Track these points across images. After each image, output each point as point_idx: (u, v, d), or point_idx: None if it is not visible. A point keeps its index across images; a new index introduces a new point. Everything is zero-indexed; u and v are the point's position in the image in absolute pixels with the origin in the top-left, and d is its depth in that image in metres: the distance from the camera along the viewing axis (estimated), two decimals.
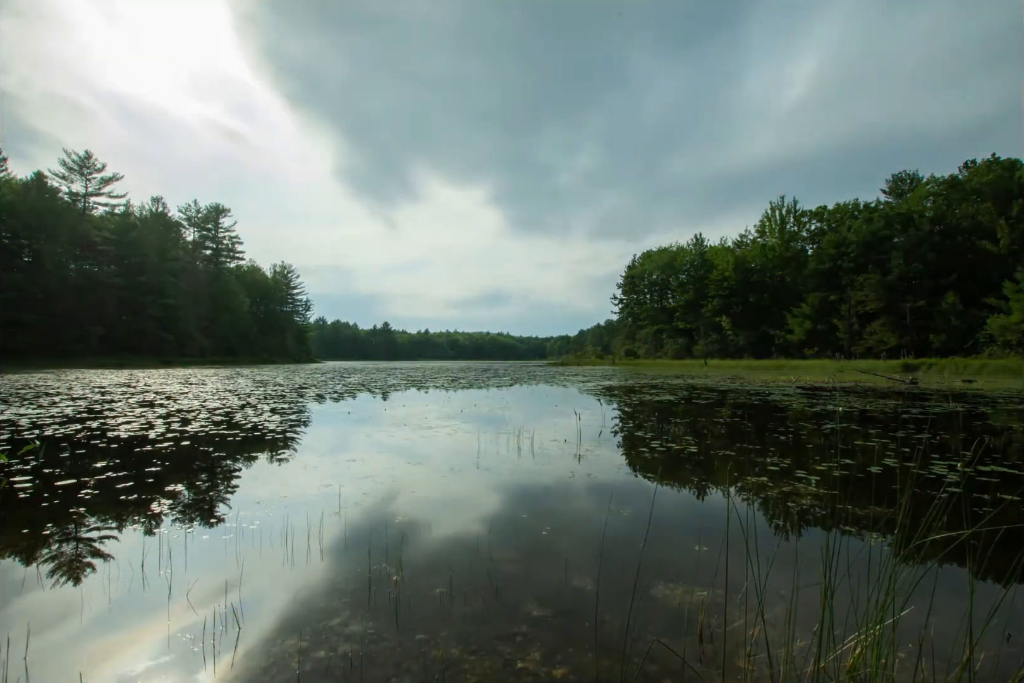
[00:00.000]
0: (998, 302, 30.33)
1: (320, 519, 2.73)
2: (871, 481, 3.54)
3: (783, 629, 1.55)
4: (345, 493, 3.25)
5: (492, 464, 4.17)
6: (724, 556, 2.16)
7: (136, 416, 7.00)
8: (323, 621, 1.70)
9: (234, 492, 3.33)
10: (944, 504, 3.01)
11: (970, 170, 38.36)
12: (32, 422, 6.30)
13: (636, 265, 73.90)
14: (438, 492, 3.35)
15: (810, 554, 2.20)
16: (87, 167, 50.96)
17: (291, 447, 4.93)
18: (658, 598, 1.87)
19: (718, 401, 9.91)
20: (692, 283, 64.46)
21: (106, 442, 4.95)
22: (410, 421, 6.81)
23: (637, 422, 6.96)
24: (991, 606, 1.37)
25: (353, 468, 4.01)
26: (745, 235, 59.51)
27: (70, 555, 2.28)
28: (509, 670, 1.46)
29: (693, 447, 4.82)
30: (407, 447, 4.93)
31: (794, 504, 3.03)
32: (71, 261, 44.40)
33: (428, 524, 2.71)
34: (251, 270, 78.92)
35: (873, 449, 4.69)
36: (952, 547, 2.39)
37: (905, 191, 45.93)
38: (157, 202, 63.45)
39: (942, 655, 1.48)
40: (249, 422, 6.52)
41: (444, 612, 1.77)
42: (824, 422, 6.65)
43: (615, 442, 5.25)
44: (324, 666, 1.46)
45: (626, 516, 2.81)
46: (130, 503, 3.03)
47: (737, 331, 52.84)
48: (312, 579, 2.03)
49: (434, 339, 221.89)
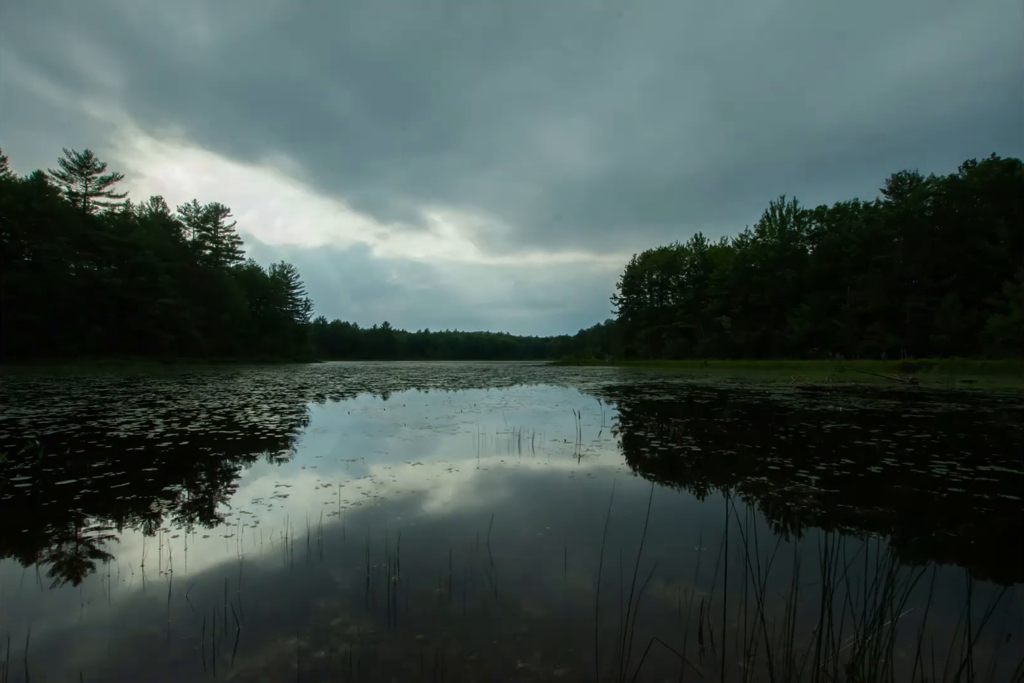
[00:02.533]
0: (998, 302, 30.32)
1: (319, 519, 2.73)
2: (871, 481, 3.54)
3: (783, 629, 1.55)
4: (344, 493, 3.25)
5: (492, 464, 4.17)
6: (724, 556, 2.16)
7: (136, 416, 7.00)
8: (323, 621, 1.70)
9: (234, 492, 3.33)
10: (943, 504, 3.01)
11: (970, 170, 38.33)
12: (32, 422, 6.30)
13: (636, 265, 73.90)
14: (437, 492, 3.36)
15: (810, 554, 2.20)
16: (87, 167, 50.96)
17: (291, 447, 4.93)
18: (658, 598, 1.87)
19: (718, 401, 9.91)
20: (692, 283, 64.51)
21: (105, 442, 4.95)
22: (410, 421, 6.81)
23: (637, 422, 6.96)
24: (990, 606, 1.37)
25: (352, 468, 4.01)
26: (745, 235, 59.52)
27: (70, 555, 2.28)
28: (509, 670, 1.46)
29: (693, 447, 4.82)
30: (407, 447, 4.93)
31: (794, 504, 3.03)
32: (71, 261, 44.37)
33: (427, 524, 2.71)
34: (251, 270, 78.95)
35: (873, 449, 4.70)
36: (951, 547, 2.39)
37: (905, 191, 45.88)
38: (157, 202, 63.54)
39: (941, 655, 1.48)
40: (249, 422, 6.52)
41: (443, 612, 1.77)
42: (824, 422, 6.65)
43: (615, 442, 5.25)
44: (324, 666, 1.46)
45: (626, 516, 2.81)
46: (130, 503, 3.03)
47: (737, 331, 52.84)
48: (312, 579, 2.03)
49: (434, 339, 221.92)
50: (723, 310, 55.77)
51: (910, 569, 2.03)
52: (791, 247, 51.43)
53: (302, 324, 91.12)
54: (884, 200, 48.10)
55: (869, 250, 42.20)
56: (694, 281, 64.06)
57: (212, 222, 68.80)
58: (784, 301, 49.66)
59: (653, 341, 66.45)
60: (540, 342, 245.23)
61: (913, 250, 38.44)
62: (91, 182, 51.52)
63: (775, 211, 54.73)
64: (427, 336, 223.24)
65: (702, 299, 60.17)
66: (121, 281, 46.50)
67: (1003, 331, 28.43)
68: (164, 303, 49.97)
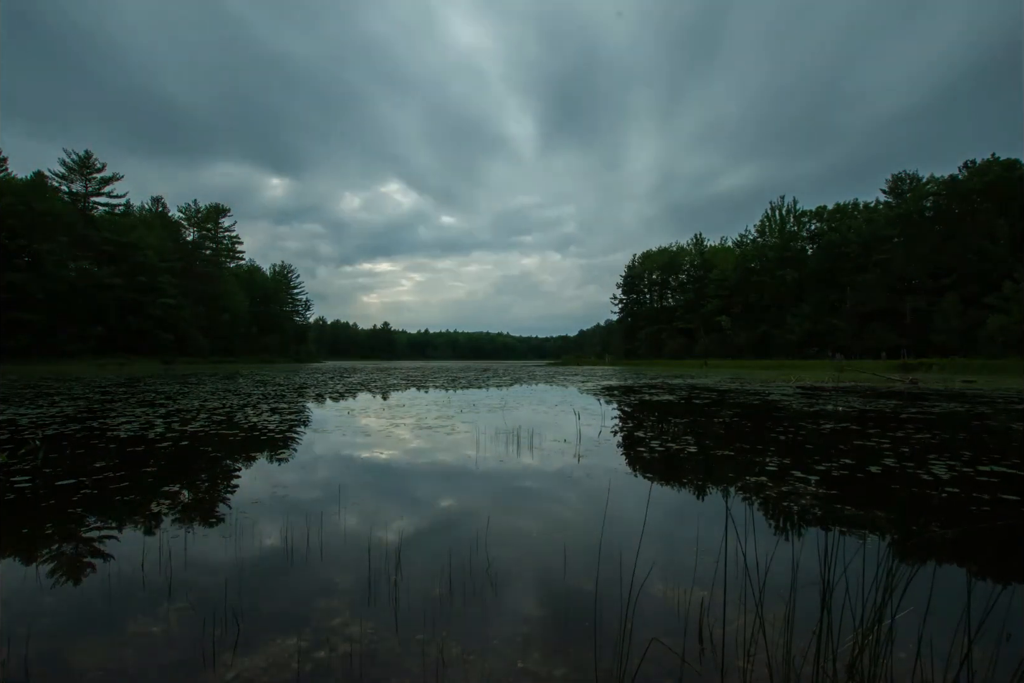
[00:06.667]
0: (998, 302, 30.33)
1: (320, 519, 2.73)
2: (870, 481, 3.54)
3: (782, 629, 1.56)
4: (344, 493, 3.25)
5: (491, 464, 4.17)
6: (723, 556, 2.16)
7: (136, 416, 7.01)
8: (323, 621, 1.70)
9: (234, 492, 3.33)
10: (942, 504, 3.01)
11: (970, 170, 38.35)
12: (32, 422, 6.30)
13: (636, 265, 73.93)
14: (437, 492, 3.36)
15: (809, 554, 2.20)
16: (87, 167, 50.99)
17: (290, 447, 4.93)
18: (657, 598, 1.87)
19: (718, 401, 9.91)
20: (692, 283, 64.57)
21: (105, 442, 4.95)
22: (409, 421, 6.81)
23: (637, 422, 6.96)
24: (989, 606, 1.37)
25: (352, 468, 4.01)
26: (745, 235, 59.57)
27: (70, 555, 2.28)
28: (509, 670, 1.46)
29: (692, 447, 4.82)
30: (406, 447, 4.93)
31: (793, 504, 3.03)
32: (71, 261, 44.37)
33: (427, 524, 2.71)
34: (251, 270, 79.01)
35: (872, 449, 4.70)
36: (950, 547, 2.39)
37: (905, 191, 45.91)
38: (157, 202, 63.52)
39: (941, 655, 1.48)
40: (249, 422, 6.52)
41: (444, 612, 1.77)
42: (823, 422, 6.65)
43: (615, 442, 5.25)
44: (324, 666, 1.46)
45: (625, 516, 2.81)
46: (130, 503, 3.04)
47: (737, 331, 52.86)
48: (312, 579, 2.03)
49: (434, 339, 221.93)
50: (723, 310, 55.82)
51: (909, 569, 2.03)
52: (791, 247, 51.45)
53: (302, 324, 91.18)
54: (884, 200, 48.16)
55: (869, 250, 42.23)
56: (694, 281, 64.12)
57: (212, 222, 68.82)
58: (784, 301, 49.69)
59: (653, 341, 66.49)
60: (540, 342, 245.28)
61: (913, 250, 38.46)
62: (91, 182, 51.56)
63: (775, 211, 54.77)
64: (427, 336, 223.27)
65: (702, 299, 60.22)
66: (121, 281, 46.50)
67: (1003, 331, 28.45)
68: (164, 303, 49.99)
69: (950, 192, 38.27)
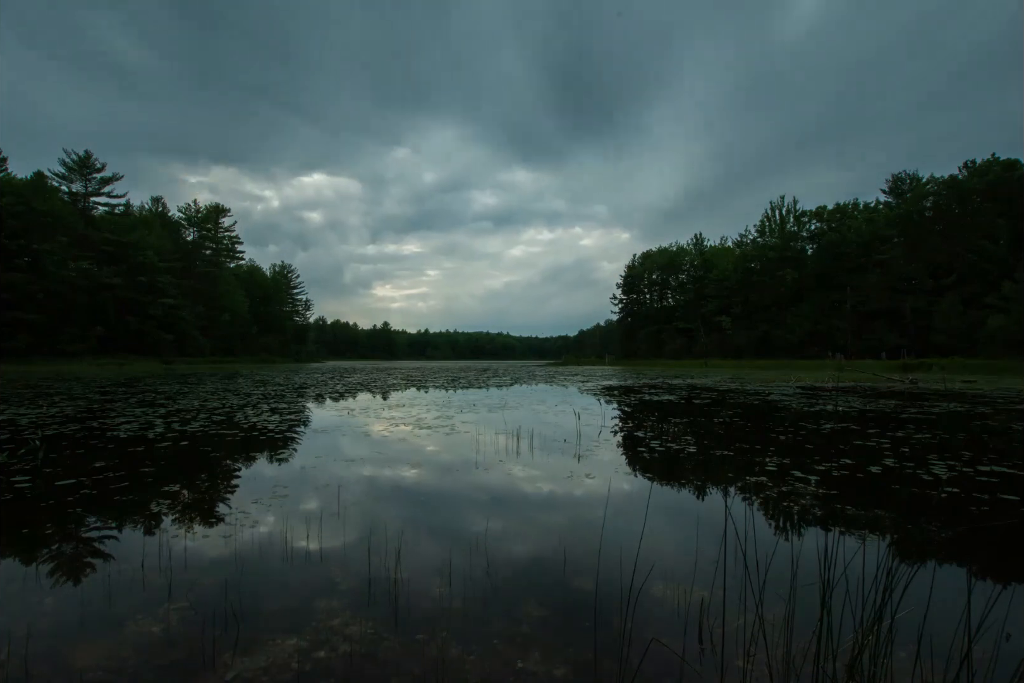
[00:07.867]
0: (998, 302, 30.34)
1: (319, 519, 2.73)
2: (870, 481, 3.54)
3: (782, 629, 1.56)
4: (344, 493, 3.25)
5: (491, 464, 4.17)
6: (723, 556, 2.16)
7: (136, 416, 7.00)
8: (323, 621, 1.70)
9: (233, 492, 3.33)
10: (942, 504, 3.01)
11: (970, 170, 38.34)
12: (32, 422, 6.30)
13: (636, 265, 73.90)
14: (437, 492, 3.36)
15: (808, 554, 2.20)
16: (87, 167, 50.96)
17: (290, 447, 4.93)
18: (657, 598, 1.87)
19: (718, 401, 9.91)
20: (692, 283, 64.52)
21: (105, 442, 4.95)
22: (409, 421, 6.81)
23: (637, 422, 6.96)
24: (989, 606, 1.37)
25: (352, 468, 4.01)
26: (745, 235, 59.54)
27: (70, 555, 2.28)
28: (509, 670, 1.46)
29: (692, 447, 4.82)
30: (406, 447, 4.93)
31: (793, 504, 3.03)
32: (71, 261, 44.35)
33: (427, 524, 2.71)
34: (251, 270, 78.95)
35: (872, 449, 4.70)
36: (950, 547, 2.39)
37: (905, 191, 45.91)
38: (157, 202, 63.52)
39: (941, 654, 1.48)
40: (248, 422, 6.52)
41: (444, 612, 1.77)
42: (823, 422, 6.65)
43: (615, 442, 5.25)
44: (324, 666, 1.46)
45: (625, 516, 2.81)
46: (130, 503, 3.04)
47: (737, 331, 52.86)
48: (312, 579, 2.03)
49: (434, 339, 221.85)
50: (723, 310, 55.81)
51: (909, 569, 2.03)
52: (791, 247, 51.41)
53: (302, 324, 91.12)
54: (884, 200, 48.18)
55: (869, 250, 42.24)
56: (694, 281, 64.07)
57: (212, 222, 68.76)
58: (784, 301, 49.67)
59: (653, 341, 66.47)
60: (540, 342, 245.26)
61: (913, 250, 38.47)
62: (91, 182, 51.52)
63: (775, 211, 54.74)
64: (427, 336, 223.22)
65: (702, 299, 60.19)
66: (121, 281, 46.47)
67: (1003, 331, 28.45)
68: (164, 303, 49.96)
69: (950, 192, 38.27)
